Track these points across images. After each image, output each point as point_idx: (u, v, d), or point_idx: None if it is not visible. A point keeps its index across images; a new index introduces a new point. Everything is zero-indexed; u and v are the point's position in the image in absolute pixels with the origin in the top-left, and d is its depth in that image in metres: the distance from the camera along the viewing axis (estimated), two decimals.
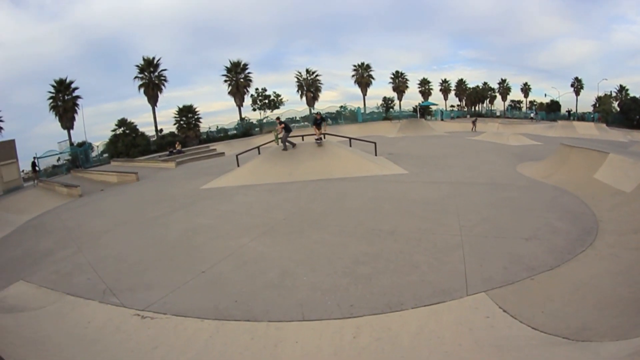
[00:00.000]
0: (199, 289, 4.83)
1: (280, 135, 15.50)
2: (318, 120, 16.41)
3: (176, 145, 27.65)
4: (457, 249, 5.84)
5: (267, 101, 47.15)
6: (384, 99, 56.57)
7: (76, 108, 35.83)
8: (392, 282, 4.82)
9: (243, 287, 4.83)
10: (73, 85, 35.61)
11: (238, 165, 15.00)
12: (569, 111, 58.27)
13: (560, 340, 3.41)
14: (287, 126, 16.21)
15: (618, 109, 54.51)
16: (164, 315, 4.21)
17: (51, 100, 34.87)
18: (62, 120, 35.16)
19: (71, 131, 35.67)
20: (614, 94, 61.49)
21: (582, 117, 53.09)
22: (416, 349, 3.46)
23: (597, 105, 60.54)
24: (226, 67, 45.36)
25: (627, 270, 4.97)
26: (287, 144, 15.36)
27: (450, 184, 10.72)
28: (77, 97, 36.00)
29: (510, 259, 5.48)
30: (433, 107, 56.36)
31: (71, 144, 32.52)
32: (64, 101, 34.98)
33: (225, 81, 45.47)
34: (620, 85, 62.00)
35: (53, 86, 34.66)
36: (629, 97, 55.66)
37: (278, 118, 21.23)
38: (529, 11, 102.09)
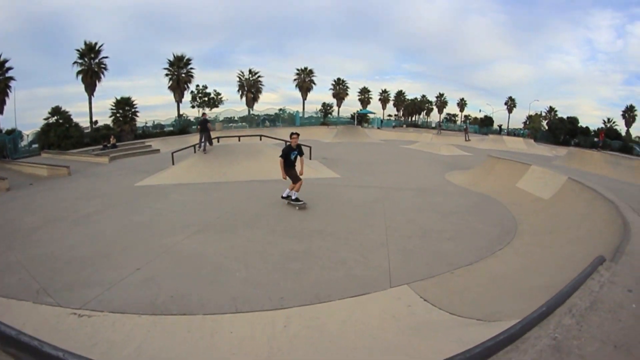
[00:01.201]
0: (136, 286, 4.79)
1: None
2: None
3: (111, 139, 26.10)
4: (383, 247, 6.27)
5: (206, 99, 46.09)
6: (323, 104, 57.55)
7: (8, 90, 32.56)
8: (320, 276, 5.12)
9: (178, 283, 4.86)
10: (7, 65, 32.19)
11: (173, 163, 14.67)
12: (500, 126, 62.67)
13: (474, 321, 3.79)
14: (203, 125, 15.87)
15: (546, 127, 59.64)
16: (101, 313, 4.15)
17: None
18: None
19: (0, 116, 32.42)
20: (543, 114, 67.47)
21: (514, 133, 57.30)
22: (343, 335, 3.74)
23: (528, 122, 65.94)
24: (169, 60, 43.86)
25: (540, 265, 5.58)
26: (204, 144, 15.20)
27: (380, 189, 11.29)
28: (10, 78, 32.75)
29: (432, 256, 5.98)
30: (371, 116, 57.97)
31: None
32: None
33: (167, 75, 43.90)
34: (550, 107, 68.57)
35: None
36: (557, 117, 61.66)
37: (204, 114, 20.88)
38: (474, 34, 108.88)
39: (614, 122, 61.84)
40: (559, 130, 51.46)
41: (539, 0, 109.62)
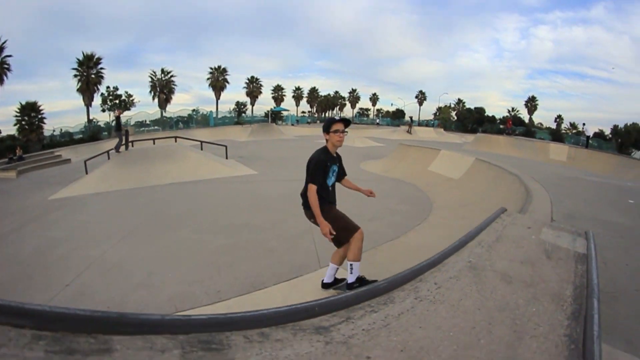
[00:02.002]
0: (67, 303, 4.37)
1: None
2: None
3: (17, 151, 22.58)
4: (307, 233, 6.43)
5: (117, 101, 42.50)
6: (237, 103, 56.35)
7: None
8: (253, 266, 5.15)
9: (112, 292, 4.58)
10: None
11: (87, 172, 13.54)
12: (411, 117, 65.95)
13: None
14: (118, 123, 15.23)
15: (455, 117, 63.90)
16: None
17: None
18: None
19: None
20: (452, 105, 71.96)
21: (425, 124, 60.80)
22: None
23: (437, 114, 70.03)
24: (78, 59, 39.27)
25: (456, 234, 6.04)
26: (121, 145, 14.54)
27: (298, 181, 11.23)
28: None
29: None
30: (285, 113, 57.88)
31: None
32: None
33: (76, 76, 39.34)
34: (459, 99, 73.37)
35: None
36: (465, 108, 66.02)
37: (119, 111, 19.56)
38: (387, 33, 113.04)
39: (517, 111, 67.41)
40: (467, 120, 55.64)
41: (450, 3, 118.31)
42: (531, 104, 70.88)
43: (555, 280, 1.88)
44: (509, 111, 67.85)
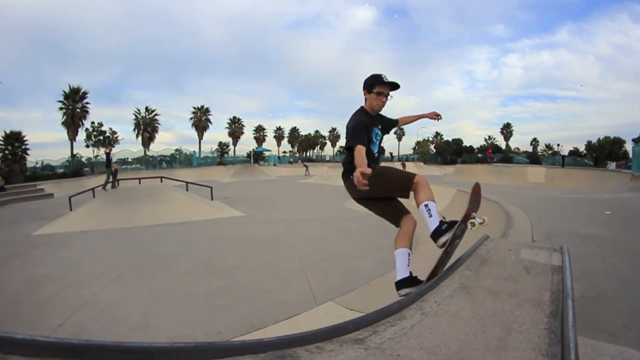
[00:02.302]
0: None
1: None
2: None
3: None
4: (300, 273, 6.49)
5: (102, 138, 41.92)
6: (220, 143, 56.48)
7: None
8: (249, 307, 5.11)
9: (108, 334, 4.44)
10: None
11: (71, 209, 13.27)
12: (391, 154, 67.05)
13: None
14: (108, 160, 15.41)
15: (434, 150, 65.41)
16: None
17: None
18: None
19: None
20: (430, 139, 74.05)
21: (405, 159, 61.49)
22: None
23: (417, 148, 71.70)
24: (64, 92, 38.75)
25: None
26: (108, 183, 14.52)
27: (285, 222, 11.58)
28: None
29: (347, 273, 6.38)
30: (266, 153, 58.35)
31: None
32: None
33: (61, 109, 38.77)
34: (437, 132, 75.51)
35: None
36: (443, 141, 67.57)
37: (110, 148, 19.38)
38: (364, 71, 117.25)
39: (494, 139, 70.20)
40: (446, 152, 56.97)
41: (424, 39, 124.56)
42: (507, 130, 73.68)
43: (534, 290, 2.15)
44: (485, 140, 70.50)
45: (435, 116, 3.69)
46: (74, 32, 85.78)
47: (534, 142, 73.27)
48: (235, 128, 64.79)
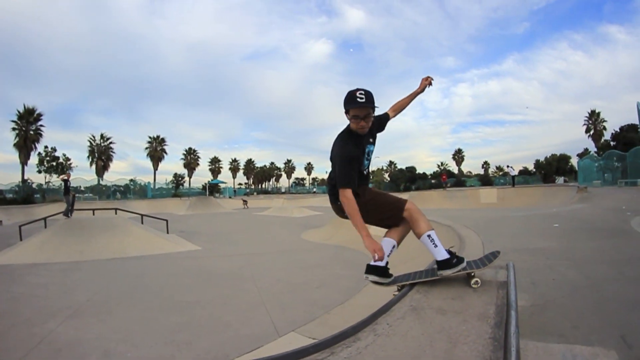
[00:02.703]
0: None
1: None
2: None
3: None
4: (260, 306, 6.55)
5: (54, 164, 39.21)
6: (175, 175, 55.08)
7: None
8: (212, 341, 5.12)
9: None
10: None
11: (21, 239, 12.48)
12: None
13: None
14: (66, 187, 15.07)
15: (388, 179, 66.63)
16: None
17: None
18: None
19: None
20: (385, 167, 75.60)
21: None
22: None
23: (372, 177, 72.48)
24: (18, 112, 36.58)
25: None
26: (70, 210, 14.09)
27: (243, 256, 11.59)
28: None
29: (307, 303, 6.52)
30: (222, 185, 57.44)
31: None
32: None
33: (14, 129, 36.33)
34: (390, 161, 78.73)
35: None
36: (397, 169, 69.89)
37: (68, 174, 18.60)
38: (318, 103, 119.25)
39: (447, 165, 73.11)
40: (400, 180, 58.30)
41: (377, 72, 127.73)
42: (458, 155, 77.04)
43: (480, 305, 2.35)
44: (438, 165, 73.15)
45: (427, 82, 3.38)
46: (31, 48, 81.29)
47: (485, 165, 76.92)
48: (191, 159, 63.67)
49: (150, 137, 56.84)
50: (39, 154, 38.81)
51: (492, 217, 11.90)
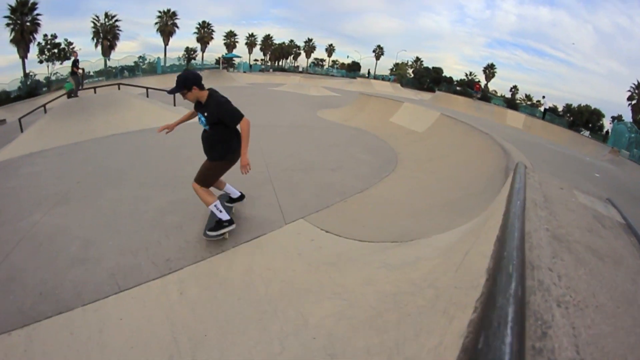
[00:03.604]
0: None
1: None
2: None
3: None
4: (267, 184, 5.67)
5: (56, 51, 37.19)
6: (187, 49, 51.77)
7: None
8: (205, 226, 4.33)
9: (45, 273, 3.64)
10: None
11: (22, 131, 11.66)
12: (368, 71, 63.68)
13: (391, 244, 3.43)
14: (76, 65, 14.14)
15: (412, 74, 62.40)
16: None
17: None
18: None
19: None
20: (410, 63, 70.75)
21: (381, 78, 58.60)
22: (251, 285, 3.15)
23: (394, 69, 67.99)
24: (10, 6, 33.61)
25: (428, 186, 5.53)
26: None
27: (252, 127, 10.42)
28: None
29: (320, 187, 5.56)
30: (237, 60, 53.99)
31: None
32: None
33: (8, 24, 34.03)
34: (417, 57, 71.98)
35: None
36: (422, 67, 65.23)
37: (75, 53, 17.29)
38: None
39: (475, 76, 67.33)
40: (424, 78, 54.89)
41: None
42: (489, 70, 70.78)
43: (630, 256, 1.45)
44: (466, 75, 68.19)
45: (244, 170, 3.91)
46: None
47: (514, 89, 70.08)
48: (204, 33, 58.86)
49: (160, 12, 51.81)
50: (39, 44, 36.55)
51: (527, 141, 10.30)
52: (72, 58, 15.60)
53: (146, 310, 3.02)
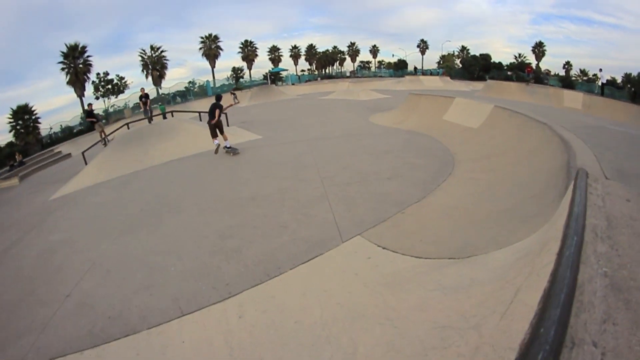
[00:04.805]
0: (69, 318, 3.91)
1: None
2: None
3: (17, 157, 21.94)
4: (322, 200, 5.81)
5: (110, 86, 41.30)
6: (234, 69, 54.38)
7: None
8: (264, 248, 4.55)
9: (113, 299, 4.06)
10: None
11: (86, 164, 12.98)
12: (415, 67, 63.17)
13: (447, 261, 3.41)
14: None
15: (460, 65, 61.04)
16: None
17: None
18: None
19: None
20: (456, 53, 69.21)
21: (430, 73, 57.48)
22: (307, 309, 3.24)
23: (441, 62, 67.17)
24: (62, 52, 37.68)
25: (487, 189, 5.40)
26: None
27: (306, 141, 10.75)
28: None
29: (376, 199, 5.60)
30: (284, 73, 55.78)
31: None
32: None
33: (63, 69, 37.92)
34: (462, 46, 70.07)
35: None
36: (470, 55, 63.14)
37: (142, 89, 19.04)
38: None
39: (525, 57, 63.87)
40: (473, 67, 53.25)
41: None
42: (539, 49, 66.95)
43: None
44: (515, 57, 64.69)
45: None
46: None
47: (567, 65, 65.10)
48: (248, 51, 61.67)
49: (202, 37, 55.33)
50: (93, 82, 40.76)
51: (588, 124, 9.48)
52: (140, 94, 17.78)
53: (207, 333, 3.23)
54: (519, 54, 65.48)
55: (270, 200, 6.21)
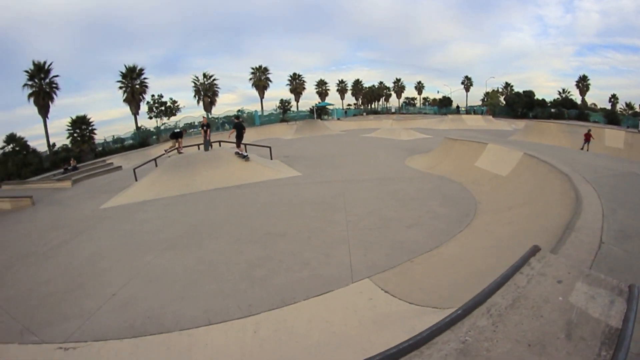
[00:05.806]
0: (113, 312, 4.96)
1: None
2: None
3: (71, 162, 24.66)
4: (344, 243, 6.64)
5: (163, 108, 44.96)
6: (281, 100, 57.14)
7: None
8: (285, 280, 5.42)
9: (153, 303, 5.08)
10: None
11: (136, 180, 14.64)
12: (457, 106, 64.36)
13: (430, 310, 4.09)
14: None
15: (504, 102, 61.80)
16: (85, 343, 4.31)
17: None
18: None
19: None
20: (500, 90, 70.40)
21: (473, 111, 58.94)
22: (309, 334, 4.06)
23: (486, 99, 68.10)
24: (121, 72, 41.68)
25: (498, 243, 5.86)
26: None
27: (341, 182, 11.69)
28: None
29: (392, 246, 6.35)
30: (330, 107, 58.08)
31: None
32: None
33: (121, 87, 41.79)
34: (506, 82, 72.26)
35: None
36: (513, 92, 64.09)
37: (204, 117, 21.04)
38: (426, 18, 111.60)
39: (569, 92, 64.04)
40: (517, 104, 53.61)
41: None
42: (583, 83, 66.54)
43: None
44: (559, 93, 64.35)
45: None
46: (127, 13, 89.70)
47: (613, 98, 64.94)
48: (296, 84, 64.95)
49: (252, 68, 59.09)
50: (147, 102, 44.97)
51: (618, 171, 8.93)
52: (202, 122, 19.55)
53: (227, 340, 4.13)
54: (563, 89, 65.03)
55: (298, 238, 7.13)
